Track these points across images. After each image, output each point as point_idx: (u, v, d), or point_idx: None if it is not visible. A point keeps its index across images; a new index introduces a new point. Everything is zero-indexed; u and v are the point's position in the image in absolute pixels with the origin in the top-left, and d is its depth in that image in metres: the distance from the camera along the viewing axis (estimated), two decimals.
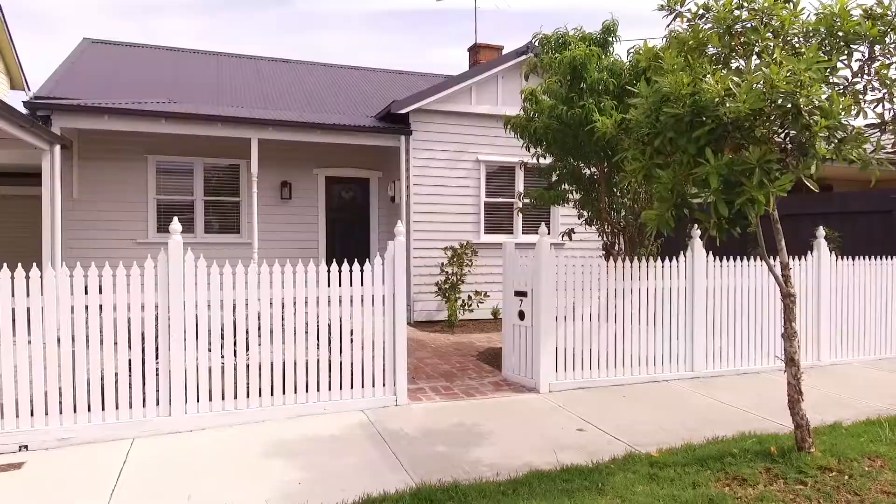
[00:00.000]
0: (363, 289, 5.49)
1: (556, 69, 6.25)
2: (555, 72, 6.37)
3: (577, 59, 5.84)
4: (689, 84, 3.49)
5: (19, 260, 11.41)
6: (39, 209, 11.58)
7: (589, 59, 5.86)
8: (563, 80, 6.04)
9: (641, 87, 3.79)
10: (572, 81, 5.94)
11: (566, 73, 5.94)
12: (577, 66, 5.85)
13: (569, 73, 5.92)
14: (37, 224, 11.52)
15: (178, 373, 4.87)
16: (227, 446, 4.55)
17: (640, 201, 6.83)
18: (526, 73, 6.88)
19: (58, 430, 4.58)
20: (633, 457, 4.26)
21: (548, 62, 6.53)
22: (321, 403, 5.32)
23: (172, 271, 4.88)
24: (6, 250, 11.34)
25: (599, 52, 6.08)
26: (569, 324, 6.19)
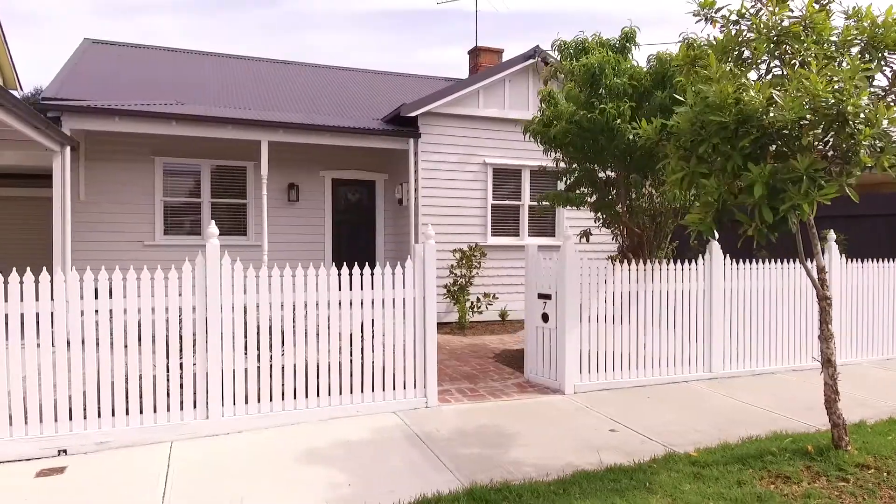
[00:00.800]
0: (394, 292, 5.54)
1: (575, 75, 6.35)
2: (574, 77, 6.46)
3: (596, 64, 5.93)
4: (733, 93, 3.58)
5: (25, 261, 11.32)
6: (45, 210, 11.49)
7: (608, 64, 5.95)
8: (582, 86, 6.12)
9: (689, 96, 3.88)
10: (592, 87, 6.04)
11: (586, 78, 6.03)
12: (597, 72, 5.95)
13: (588, 78, 6.01)
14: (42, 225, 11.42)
15: (215, 375, 4.88)
16: (268, 449, 4.57)
17: (657, 205, 6.93)
18: (545, 78, 6.96)
19: (96, 434, 4.57)
20: (672, 456, 4.34)
21: (567, 68, 6.62)
22: (354, 406, 5.35)
23: (210, 274, 4.89)
24: (12, 251, 11.23)
25: (619, 58, 6.17)
26: (592, 326, 6.28)
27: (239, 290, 5.01)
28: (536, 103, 11.68)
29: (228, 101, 12.31)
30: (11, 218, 11.38)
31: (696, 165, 3.86)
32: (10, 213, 11.35)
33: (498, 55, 17.24)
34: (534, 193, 12.00)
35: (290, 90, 13.88)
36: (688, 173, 3.91)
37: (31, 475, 4.13)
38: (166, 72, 13.36)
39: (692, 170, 3.89)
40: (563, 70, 6.69)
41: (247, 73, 14.52)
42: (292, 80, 14.63)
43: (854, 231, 9.52)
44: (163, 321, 4.79)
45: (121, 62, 13.20)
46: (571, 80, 6.55)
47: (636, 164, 6.54)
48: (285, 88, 13.94)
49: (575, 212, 12.13)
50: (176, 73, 13.37)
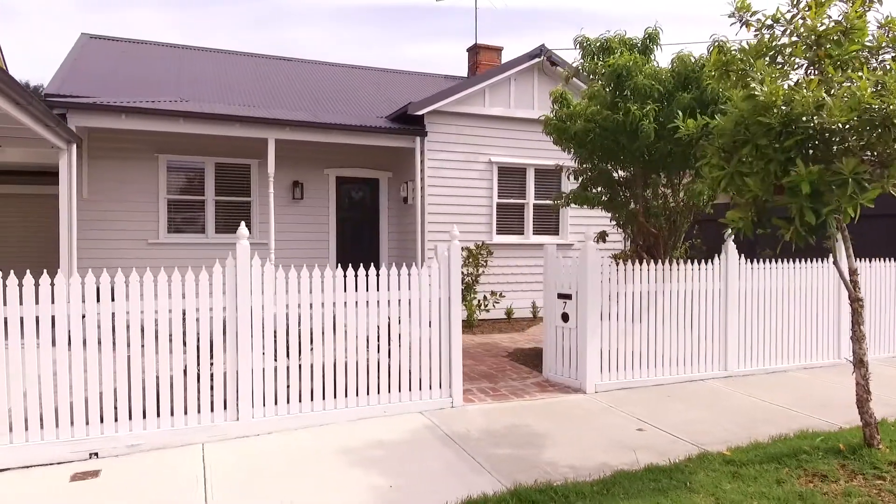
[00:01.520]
0: (420, 292, 5.54)
1: (599, 74, 6.38)
2: (599, 77, 6.49)
3: (622, 65, 5.96)
4: (782, 94, 3.62)
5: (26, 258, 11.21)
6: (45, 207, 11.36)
7: (635, 65, 5.98)
8: (607, 86, 6.15)
9: (735, 97, 3.91)
10: (616, 87, 6.06)
11: (611, 78, 6.06)
12: (623, 73, 5.98)
13: (613, 79, 6.04)
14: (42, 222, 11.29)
15: (245, 376, 4.86)
16: (302, 451, 4.56)
17: (673, 205, 6.99)
18: (568, 76, 6.98)
19: (127, 437, 4.54)
20: (706, 456, 4.39)
21: (590, 67, 6.65)
22: (381, 406, 5.35)
23: (240, 276, 4.86)
24: (12, 248, 11.08)
25: (643, 59, 6.21)
26: (612, 326, 6.32)
27: (269, 291, 4.98)
28: (541, 102, 11.76)
29: (231, 97, 12.21)
30: (11, 215, 11.21)
31: (737, 165, 3.90)
32: (9, 210, 11.18)
33: (497, 53, 17.27)
34: (538, 192, 12.05)
35: (291, 86, 13.79)
36: (728, 173, 3.95)
37: (66, 479, 4.09)
38: (167, 68, 13.22)
39: (733, 170, 3.93)
40: (587, 69, 6.72)
41: (247, 68, 14.40)
42: (293, 77, 14.53)
43: (865, 230, 9.64)
44: (193, 322, 4.75)
45: (121, 58, 13.04)
46: (596, 79, 6.58)
47: (655, 164, 6.59)
48: (287, 85, 13.85)
49: (578, 210, 12.23)
50: (176, 69, 13.24)
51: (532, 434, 4.95)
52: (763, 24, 4.37)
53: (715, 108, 5.82)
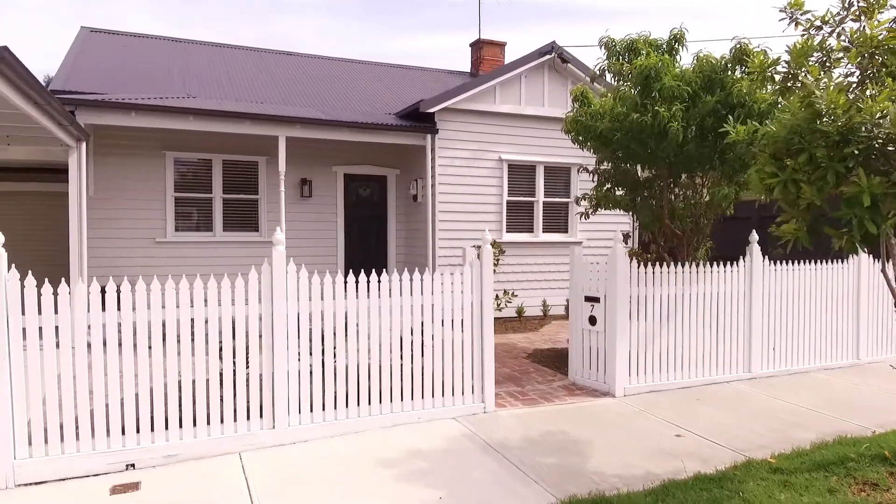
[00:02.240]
0: (453, 297, 5.48)
1: (626, 75, 6.33)
2: (626, 78, 6.44)
3: (651, 67, 5.91)
4: (844, 103, 3.58)
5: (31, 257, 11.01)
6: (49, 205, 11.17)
7: (664, 67, 5.93)
8: (634, 87, 6.09)
9: (794, 103, 3.87)
10: (644, 88, 6.01)
11: (639, 80, 6.01)
12: (652, 75, 5.93)
13: (642, 80, 5.98)
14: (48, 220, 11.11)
15: (281, 385, 4.78)
16: (343, 460, 4.49)
17: (699, 206, 6.97)
18: (592, 76, 6.92)
19: (164, 447, 4.45)
20: (751, 463, 4.38)
21: (616, 68, 6.59)
22: (415, 412, 5.30)
23: (276, 282, 4.78)
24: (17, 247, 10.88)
25: (670, 61, 6.16)
26: (641, 329, 6.30)
27: (304, 297, 4.90)
28: (552, 99, 11.72)
29: (238, 93, 12.04)
30: (14, 212, 11.00)
31: (791, 173, 3.86)
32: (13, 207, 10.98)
33: (500, 48, 17.19)
34: (548, 190, 12.01)
35: (297, 82, 13.62)
36: (782, 181, 3.91)
37: (105, 492, 4.00)
38: (170, 62, 13.00)
39: (787, 178, 3.89)
40: (612, 69, 6.66)
41: (250, 63, 14.20)
42: (297, 71, 14.35)
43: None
44: (229, 330, 4.67)
45: (123, 52, 12.81)
46: (624, 80, 6.52)
47: (679, 165, 6.56)
48: (292, 80, 13.68)
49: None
50: (180, 64, 13.03)
51: (571, 441, 4.91)
52: (812, 24, 4.33)
53: (742, 111, 5.78)
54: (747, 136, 4.36)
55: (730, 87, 5.89)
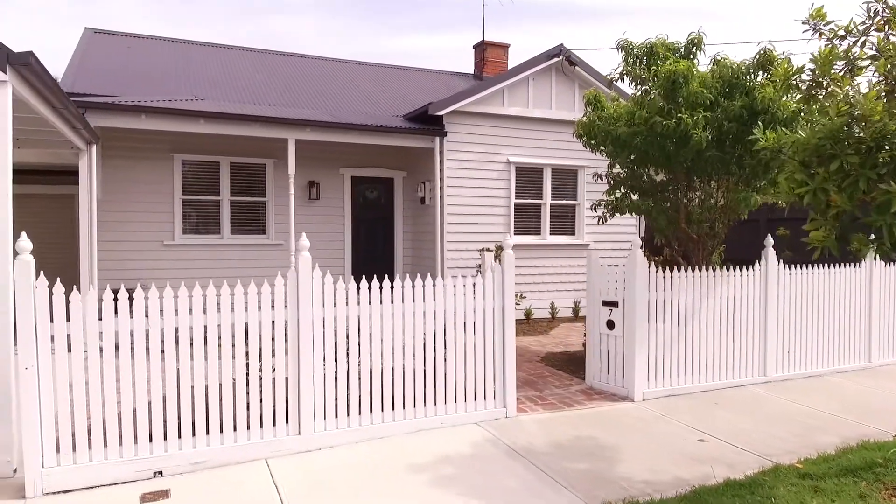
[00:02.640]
0: (475, 302, 5.48)
1: (652, 81, 6.34)
2: (644, 82, 6.46)
3: (678, 72, 5.93)
4: (881, 110, 3.60)
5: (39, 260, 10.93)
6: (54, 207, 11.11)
7: (691, 74, 5.95)
8: (658, 91, 6.10)
9: (832, 110, 3.89)
10: (670, 94, 6.02)
11: (664, 85, 6.02)
12: (679, 80, 5.94)
13: (668, 85, 6.00)
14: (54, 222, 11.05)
15: (307, 390, 4.77)
16: (372, 466, 4.49)
17: (715, 210, 6.99)
18: (610, 79, 6.93)
19: (191, 454, 4.44)
20: (779, 469, 4.40)
21: (635, 72, 6.61)
22: (438, 417, 5.30)
23: (302, 288, 4.77)
24: None
25: (693, 66, 6.18)
26: (660, 333, 6.32)
27: (329, 303, 4.90)
28: (559, 102, 11.74)
29: (245, 95, 12.00)
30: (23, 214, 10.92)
31: (821, 181, 3.88)
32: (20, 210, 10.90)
33: (504, 50, 17.21)
34: (555, 192, 12.03)
35: (302, 83, 13.59)
36: (812, 188, 3.93)
37: (136, 500, 3.98)
38: (175, 64, 12.96)
39: (818, 185, 3.90)
40: (632, 74, 6.67)
41: (254, 64, 14.15)
42: (302, 73, 14.31)
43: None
44: (256, 336, 4.66)
45: (128, 54, 12.76)
46: (645, 84, 6.54)
47: (697, 170, 6.58)
48: (298, 81, 13.65)
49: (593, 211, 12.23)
50: (185, 66, 12.98)
51: (596, 446, 4.92)
52: (835, 35, 4.35)
53: (766, 117, 5.81)
54: (776, 143, 4.38)
55: (754, 93, 5.91)
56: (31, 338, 4.03)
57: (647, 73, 6.51)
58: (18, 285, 4.00)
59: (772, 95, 5.77)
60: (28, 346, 4.02)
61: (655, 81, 6.21)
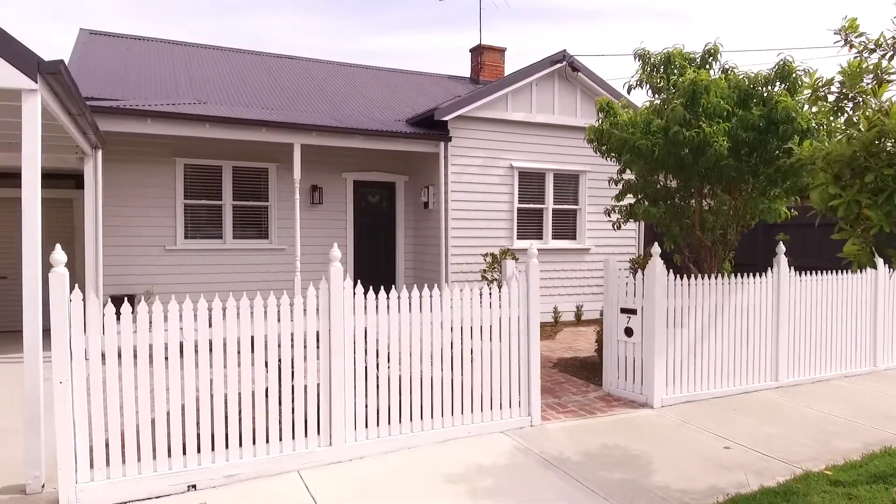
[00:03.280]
0: (501, 311, 5.50)
1: (672, 90, 6.40)
2: (667, 92, 6.52)
3: (701, 83, 5.99)
4: None
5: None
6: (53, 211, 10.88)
7: (714, 84, 6.01)
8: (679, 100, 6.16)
9: (863, 123, 3.96)
10: (691, 103, 6.08)
11: (686, 95, 6.08)
12: (701, 91, 6.00)
13: (690, 95, 6.06)
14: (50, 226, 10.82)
15: (338, 400, 4.75)
16: (407, 477, 4.48)
17: (728, 218, 7.08)
18: (629, 88, 6.98)
19: (224, 467, 4.40)
20: (809, 476, 4.47)
21: (653, 82, 6.67)
22: (465, 427, 5.30)
23: (334, 299, 4.75)
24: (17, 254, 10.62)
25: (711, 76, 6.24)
26: (678, 340, 6.38)
27: (360, 313, 4.88)
28: (561, 107, 11.81)
29: (246, 98, 11.90)
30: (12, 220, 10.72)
31: (856, 194, 3.95)
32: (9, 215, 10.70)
33: (500, 53, 17.27)
34: (557, 197, 12.10)
35: (303, 86, 13.50)
36: (846, 201, 4.00)
37: None
38: (175, 67, 12.82)
39: (851, 198, 3.97)
40: (651, 83, 6.74)
41: (253, 66, 14.03)
42: (302, 75, 14.22)
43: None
44: (288, 347, 4.63)
45: (127, 56, 12.59)
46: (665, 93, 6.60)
47: (713, 179, 6.65)
48: (298, 84, 13.56)
49: (594, 216, 12.34)
50: (185, 68, 12.85)
51: (626, 455, 4.96)
52: (865, 47, 4.43)
53: (788, 126, 5.89)
54: (810, 154, 4.45)
55: (772, 103, 5.99)
56: (65, 352, 3.97)
57: (665, 83, 6.57)
58: (53, 299, 3.94)
59: (792, 105, 5.86)
60: (63, 361, 3.96)
61: (676, 91, 6.26)
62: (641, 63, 6.85)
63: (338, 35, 61.49)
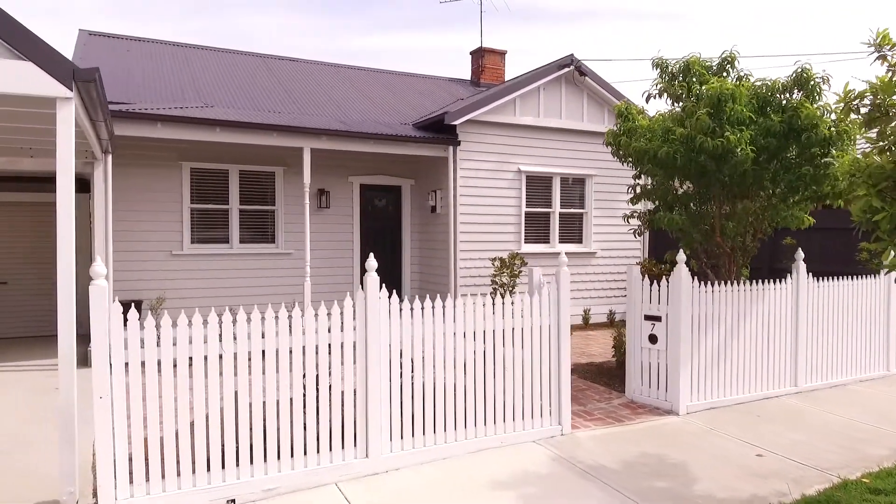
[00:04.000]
0: (532, 319, 5.48)
1: (695, 99, 6.42)
2: (687, 101, 6.54)
3: (726, 92, 6.02)
4: None
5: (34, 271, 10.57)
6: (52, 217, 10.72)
7: (739, 93, 6.04)
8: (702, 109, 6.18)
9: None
10: (716, 112, 6.11)
11: (710, 104, 6.10)
12: (725, 99, 6.03)
13: (714, 103, 6.08)
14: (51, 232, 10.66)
15: (374, 412, 4.71)
16: (447, 489, 4.44)
17: (747, 224, 7.12)
18: (648, 96, 7.00)
19: (263, 480, 4.34)
20: (848, 484, 4.50)
21: (673, 91, 6.69)
22: (497, 436, 5.28)
23: (370, 309, 4.70)
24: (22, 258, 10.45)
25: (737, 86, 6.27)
26: (702, 347, 6.41)
27: (395, 324, 4.84)
28: (568, 111, 11.82)
29: (252, 101, 11.78)
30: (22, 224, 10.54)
31: None
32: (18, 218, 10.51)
33: (501, 56, 17.28)
34: (563, 201, 12.11)
35: (307, 88, 13.40)
36: (889, 214, 4.02)
37: None
38: (177, 69, 12.67)
39: (894, 211, 4.00)
40: (670, 92, 6.76)
41: (261, 70, 13.89)
42: (308, 80, 14.09)
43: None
44: (325, 358, 4.58)
45: (129, 58, 12.42)
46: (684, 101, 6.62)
47: (733, 186, 6.69)
48: (302, 86, 13.45)
49: (601, 220, 12.39)
50: (188, 70, 12.70)
51: (662, 464, 4.96)
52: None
53: (810, 134, 5.92)
54: (850, 167, 4.48)
55: (794, 111, 6.03)
56: (105, 366, 3.89)
57: (685, 91, 6.59)
58: (93, 312, 3.86)
59: (814, 113, 5.90)
60: (102, 375, 3.88)
61: (700, 100, 6.27)
62: (659, 72, 6.88)
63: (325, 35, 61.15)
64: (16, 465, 4.81)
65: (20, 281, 10.46)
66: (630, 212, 7.87)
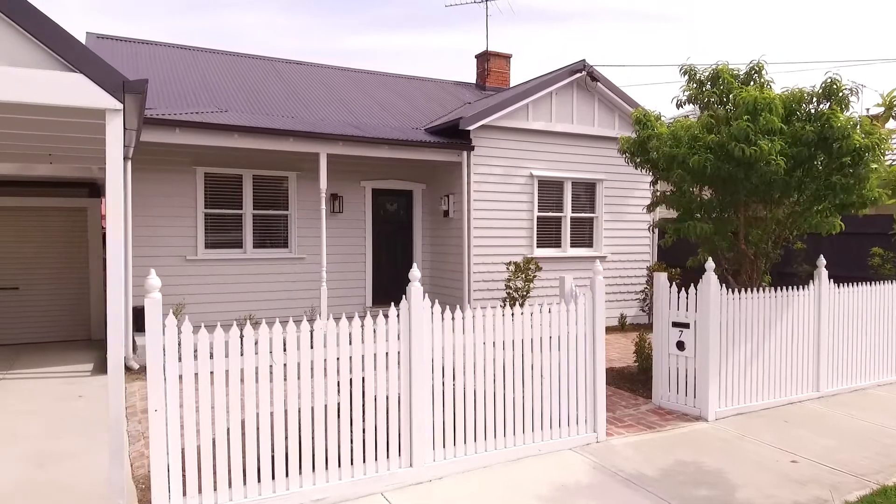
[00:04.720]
0: (568, 328, 5.52)
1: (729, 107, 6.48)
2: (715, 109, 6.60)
3: (757, 101, 6.08)
4: None
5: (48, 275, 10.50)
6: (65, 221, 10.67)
7: (774, 103, 6.10)
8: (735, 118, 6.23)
9: None
10: (752, 120, 6.16)
11: (744, 112, 6.16)
12: (759, 108, 6.09)
13: (750, 111, 6.14)
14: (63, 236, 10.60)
15: (419, 421, 4.73)
16: (495, 498, 4.47)
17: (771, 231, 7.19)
18: (679, 102, 7.06)
19: (311, 491, 4.35)
20: (887, 490, 4.57)
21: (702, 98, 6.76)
22: (535, 444, 5.31)
23: (413, 319, 4.72)
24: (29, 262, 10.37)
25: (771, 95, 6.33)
26: (731, 353, 6.47)
27: (438, 333, 4.86)
28: (580, 116, 11.89)
29: (263, 105, 11.75)
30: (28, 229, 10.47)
31: None
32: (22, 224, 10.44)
33: (506, 60, 17.35)
34: (575, 205, 12.17)
35: (317, 92, 13.37)
36: None
37: None
38: (187, 72, 12.61)
39: None
40: (700, 100, 6.82)
41: (270, 73, 13.83)
42: (318, 84, 14.06)
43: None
44: (371, 368, 4.59)
45: (137, 61, 12.36)
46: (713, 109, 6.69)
47: (759, 193, 6.76)
48: (316, 93, 13.41)
49: (611, 224, 12.45)
50: (198, 74, 12.65)
51: (700, 471, 5.01)
52: None
53: (841, 143, 5.99)
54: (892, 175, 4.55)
55: (823, 120, 6.09)
56: (160, 379, 3.89)
57: (716, 98, 6.66)
58: (149, 325, 3.85)
59: (846, 124, 5.98)
60: (157, 388, 3.88)
61: (736, 108, 6.33)
62: (688, 79, 6.94)
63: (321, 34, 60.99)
64: (53, 480, 4.79)
65: (32, 286, 10.39)
66: (654, 220, 7.91)
